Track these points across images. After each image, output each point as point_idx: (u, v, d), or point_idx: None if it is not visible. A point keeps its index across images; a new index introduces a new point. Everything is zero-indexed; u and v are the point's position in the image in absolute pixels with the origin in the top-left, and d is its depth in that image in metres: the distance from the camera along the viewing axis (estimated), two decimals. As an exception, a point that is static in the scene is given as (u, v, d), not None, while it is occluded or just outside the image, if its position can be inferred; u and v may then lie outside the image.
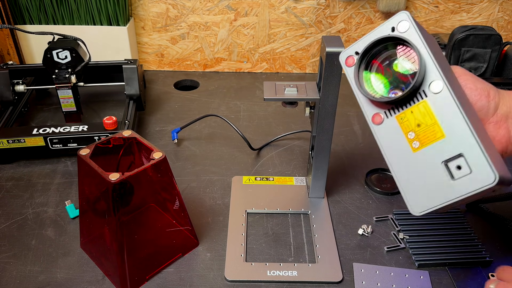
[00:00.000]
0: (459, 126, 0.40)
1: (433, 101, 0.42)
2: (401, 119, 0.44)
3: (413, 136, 0.44)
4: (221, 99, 1.02)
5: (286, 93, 0.61)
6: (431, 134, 0.42)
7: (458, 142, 0.40)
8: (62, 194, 0.71)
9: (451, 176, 0.41)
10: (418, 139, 0.43)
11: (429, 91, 0.42)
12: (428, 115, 0.42)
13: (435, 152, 0.42)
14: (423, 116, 0.43)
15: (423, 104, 0.43)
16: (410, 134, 0.44)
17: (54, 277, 0.57)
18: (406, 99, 0.43)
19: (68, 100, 0.84)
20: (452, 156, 0.41)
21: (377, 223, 0.67)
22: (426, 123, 0.43)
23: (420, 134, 0.43)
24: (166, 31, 1.09)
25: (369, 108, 0.46)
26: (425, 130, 0.43)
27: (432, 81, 0.42)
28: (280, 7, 1.05)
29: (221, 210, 0.69)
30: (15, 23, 1.02)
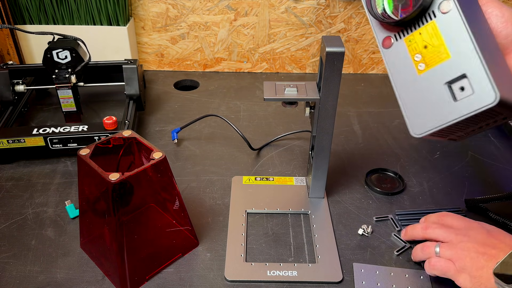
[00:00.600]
0: (465, 46, 0.40)
1: (441, 21, 0.42)
2: (409, 41, 0.44)
3: (419, 58, 0.44)
4: (221, 99, 1.02)
5: (286, 93, 0.61)
6: (437, 56, 0.42)
7: (463, 62, 0.40)
8: (62, 194, 0.71)
9: (453, 97, 0.41)
10: (424, 61, 0.43)
11: (438, 11, 0.42)
12: (435, 36, 0.42)
13: (439, 73, 0.42)
14: (430, 37, 0.43)
15: (431, 25, 0.42)
16: (417, 56, 0.44)
17: (54, 277, 0.57)
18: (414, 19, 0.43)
19: (68, 100, 0.84)
20: (455, 77, 0.41)
21: (377, 223, 0.67)
22: (433, 44, 0.43)
23: (426, 56, 0.43)
24: (166, 31, 1.09)
25: (380, 32, 0.46)
26: (432, 52, 0.43)
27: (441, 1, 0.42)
28: (280, 7, 1.04)
29: (221, 210, 0.69)
30: (15, 23, 1.01)
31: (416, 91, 0.44)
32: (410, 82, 0.44)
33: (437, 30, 0.42)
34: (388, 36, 0.46)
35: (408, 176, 0.77)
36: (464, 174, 0.77)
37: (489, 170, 0.79)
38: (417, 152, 0.83)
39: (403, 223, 0.66)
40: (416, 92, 0.44)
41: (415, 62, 0.44)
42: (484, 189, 0.74)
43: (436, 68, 0.42)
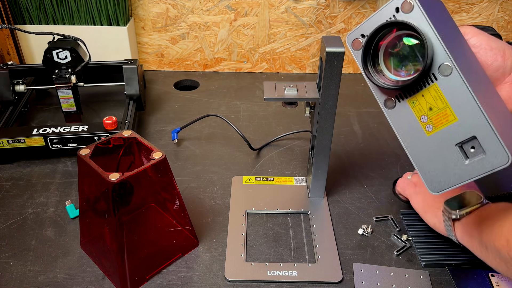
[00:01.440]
0: (471, 109, 0.40)
1: (443, 84, 0.41)
2: (413, 103, 0.44)
3: (426, 120, 0.44)
4: (221, 99, 1.02)
5: (286, 93, 0.61)
6: (444, 118, 0.42)
7: (471, 125, 0.40)
8: (62, 194, 0.71)
9: (466, 157, 0.42)
10: (431, 122, 0.43)
11: (439, 74, 0.41)
12: (439, 98, 0.42)
13: (448, 135, 0.42)
14: (434, 99, 0.42)
15: (434, 87, 0.42)
16: (423, 118, 0.44)
17: (54, 277, 0.57)
18: (415, 83, 0.43)
19: (68, 100, 0.84)
20: (465, 139, 0.41)
21: (377, 223, 0.67)
22: (438, 107, 0.42)
23: (432, 118, 0.43)
24: (166, 31, 1.09)
25: (380, 93, 0.46)
26: (437, 114, 0.43)
27: (441, 63, 0.41)
28: (280, 7, 1.04)
29: (221, 210, 0.69)
30: (15, 23, 1.01)
31: (427, 151, 0.44)
32: (419, 143, 0.44)
33: (440, 92, 0.42)
34: (389, 97, 0.46)
35: (408, 176, 0.77)
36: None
37: (489, 170, 0.79)
38: (417, 152, 0.83)
39: (407, 223, 0.66)
40: (428, 152, 0.44)
41: (422, 123, 0.44)
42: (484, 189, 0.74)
43: (445, 130, 0.42)
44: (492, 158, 0.40)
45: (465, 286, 0.57)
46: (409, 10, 0.42)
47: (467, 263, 0.59)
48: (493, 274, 0.58)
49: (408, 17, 0.42)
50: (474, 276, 0.58)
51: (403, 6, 0.42)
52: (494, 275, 0.58)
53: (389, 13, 0.43)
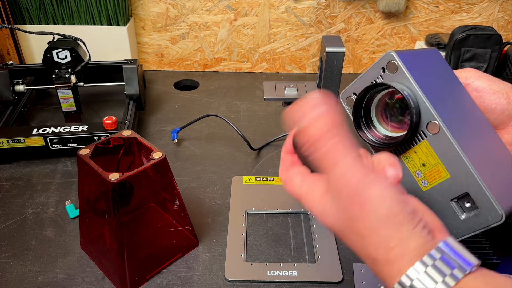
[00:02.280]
0: (461, 167, 0.41)
1: (432, 141, 0.42)
2: (406, 159, 0.45)
3: (420, 175, 0.44)
4: (221, 99, 1.02)
5: (286, 93, 0.61)
6: (437, 174, 0.43)
7: (463, 182, 0.41)
8: (62, 194, 0.71)
9: (462, 211, 0.42)
10: (426, 178, 0.44)
11: (428, 131, 0.42)
12: (430, 155, 0.43)
13: (443, 190, 0.43)
14: (426, 156, 0.43)
15: (424, 144, 0.43)
16: (418, 173, 0.45)
17: (54, 277, 0.57)
18: (405, 140, 0.43)
19: (68, 100, 0.84)
20: (459, 195, 0.42)
21: (377, 223, 0.67)
22: (430, 163, 0.43)
23: (426, 174, 0.44)
24: (166, 31, 1.09)
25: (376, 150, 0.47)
26: (431, 170, 0.43)
27: (429, 121, 0.42)
28: (280, 7, 1.05)
29: (221, 210, 0.69)
30: (15, 23, 1.02)
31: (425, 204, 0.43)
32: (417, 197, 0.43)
33: (430, 149, 0.43)
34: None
35: (408, 176, 0.77)
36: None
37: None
38: (417, 152, 0.83)
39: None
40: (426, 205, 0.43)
41: (417, 179, 0.45)
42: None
43: (439, 186, 0.43)
44: (486, 215, 0.40)
45: (465, 286, 0.57)
46: (394, 70, 0.43)
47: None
48: (493, 274, 0.58)
49: (393, 77, 0.43)
50: (474, 276, 0.58)
51: (388, 67, 0.43)
52: (494, 275, 0.58)
53: (376, 73, 0.44)
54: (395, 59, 0.43)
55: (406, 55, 0.43)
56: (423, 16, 1.06)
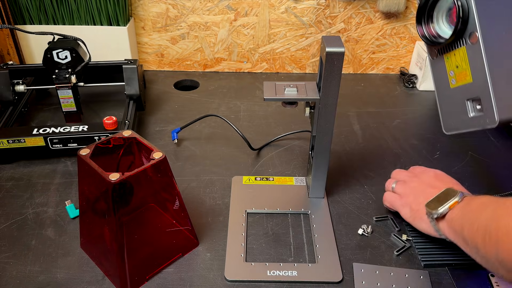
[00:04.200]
0: (482, 77, 0.49)
1: (469, 49, 0.50)
2: (447, 58, 0.55)
3: (452, 74, 0.55)
4: (221, 99, 1.02)
5: (286, 93, 0.61)
6: (463, 76, 0.53)
7: (479, 88, 0.51)
8: (62, 194, 0.71)
9: (472, 110, 0.53)
10: (455, 77, 0.54)
11: (468, 39, 0.50)
12: (464, 60, 0.52)
13: (463, 91, 0.53)
14: (460, 60, 0.52)
15: (462, 49, 0.52)
16: (451, 73, 0.55)
17: (54, 277, 0.57)
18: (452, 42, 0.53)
19: (68, 100, 0.84)
20: (473, 97, 0.52)
21: (377, 223, 0.67)
22: (462, 67, 0.52)
23: (456, 74, 0.54)
24: (166, 31, 1.09)
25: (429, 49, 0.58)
26: (460, 72, 0.53)
27: (471, 32, 0.50)
28: (280, 7, 1.05)
29: (221, 210, 0.69)
30: (15, 23, 1.01)
31: (448, 99, 0.56)
32: (445, 91, 0.56)
33: (465, 55, 0.51)
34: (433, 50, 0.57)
35: (408, 176, 0.77)
36: (464, 174, 0.77)
37: (489, 170, 0.79)
38: (417, 152, 0.83)
39: (407, 223, 0.66)
40: (448, 100, 0.56)
41: (449, 76, 0.55)
42: (484, 189, 0.74)
43: (462, 86, 0.53)
44: (486, 118, 0.51)
45: (465, 286, 0.57)
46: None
47: (467, 263, 0.59)
48: (493, 274, 0.58)
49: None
50: (474, 276, 0.58)
51: None
52: (494, 275, 0.58)
53: None
54: None
55: None
56: (423, 16, 1.06)
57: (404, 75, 1.11)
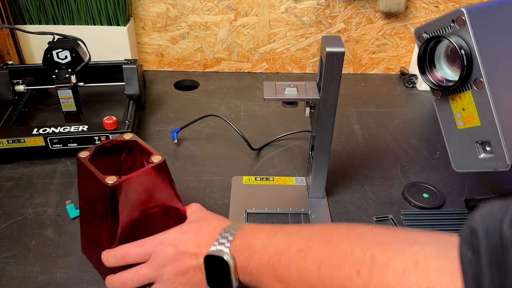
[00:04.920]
0: (490, 121, 0.50)
1: (475, 94, 0.51)
2: (452, 100, 0.55)
3: (459, 115, 0.54)
4: (221, 99, 1.02)
5: (286, 93, 0.61)
6: (471, 119, 0.53)
7: (488, 132, 0.51)
8: (62, 194, 0.71)
9: (482, 152, 0.53)
10: (462, 119, 0.54)
11: (473, 85, 0.50)
12: (470, 104, 0.52)
13: (472, 133, 0.53)
14: (467, 103, 0.52)
15: (468, 94, 0.52)
16: (457, 114, 0.55)
17: (54, 277, 0.57)
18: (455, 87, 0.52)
19: (68, 100, 0.84)
20: (483, 140, 0.53)
21: (377, 223, 0.67)
22: (469, 110, 0.53)
23: (464, 116, 0.54)
24: (166, 31, 1.09)
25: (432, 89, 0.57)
26: (468, 115, 0.53)
27: (476, 77, 0.50)
28: (280, 7, 1.04)
29: (221, 210, 0.69)
30: (15, 23, 1.01)
31: (456, 139, 0.56)
32: (452, 131, 0.56)
33: (471, 100, 0.51)
34: (438, 92, 0.57)
35: (408, 176, 0.77)
36: (464, 174, 0.77)
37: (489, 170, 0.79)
38: (417, 152, 0.83)
39: (407, 223, 0.66)
40: (457, 140, 0.56)
41: (456, 117, 0.55)
42: (484, 189, 0.74)
43: (471, 129, 0.53)
44: (497, 161, 0.51)
45: (465, 286, 0.57)
46: (461, 24, 0.50)
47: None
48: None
49: (459, 30, 0.50)
50: (474, 276, 0.58)
51: (457, 21, 0.50)
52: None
53: (446, 22, 0.52)
54: (464, 15, 0.49)
55: (476, 12, 0.49)
56: (423, 16, 1.06)
57: (404, 75, 1.11)
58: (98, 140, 0.77)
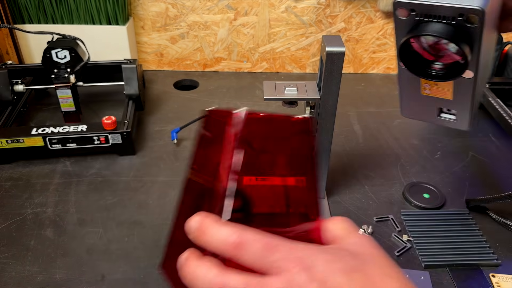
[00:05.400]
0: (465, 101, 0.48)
1: (459, 80, 0.46)
2: None
3: (428, 86, 0.50)
4: (221, 99, 1.01)
5: (286, 93, 0.60)
6: (442, 93, 0.50)
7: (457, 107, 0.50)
8: (61, 195, 0.71)
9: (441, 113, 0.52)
10: (431, 90, 0.50)
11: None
12: (448, 84, 0.48)
13: (438, 101, 0.51)
14: (444, 83, 0.48)
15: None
16: (426, 85, 0.50)
17: (53, 278, 0.57)
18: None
19: (67, 100, 0.83)
20: (447, 109, 0.51)
21: (378, 223, 0.67)
22: (443, 87, 0.49)
23: (434, 88, 0.50)
24: (165, 31, 1.08)
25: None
26: (439, 89, 0.49)
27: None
28: (280, 7, 1.04)
29: (221, 210, 0.68)
30: (14, 23, 1.01)
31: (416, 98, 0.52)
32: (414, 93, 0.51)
33: (451, 82, 0.48)
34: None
35: (408, 176, 0.76)
36: (465, 174, 0.77)
37: (490, 170, 0.79)
38: (418, 152, 0.83)
39: (408, 223, 0.66)
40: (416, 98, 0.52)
41: (423, 87, 0.50)
42: (485, 189, 0.74)
43: (437, 98, 0.51)
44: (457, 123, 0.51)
45: (466, 286, 0.57)
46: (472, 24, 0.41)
47: (468, 263, 0.59)
48: (493, 275, 0.58)
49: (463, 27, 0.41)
50: (475, 276, 0.58)
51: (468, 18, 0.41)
52: (495, 276, 0.58)
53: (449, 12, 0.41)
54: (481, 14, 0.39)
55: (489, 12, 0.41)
56: (423, 15, 1.06)
57: (404, 74, 1.10)
58: (97, 140, 0.77)
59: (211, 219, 0.29)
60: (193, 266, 0.28)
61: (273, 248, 0.28)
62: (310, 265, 0.27)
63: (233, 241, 0.27)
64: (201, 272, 0.27)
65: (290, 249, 0.28)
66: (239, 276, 0.27)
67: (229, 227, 0.28)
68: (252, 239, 0.28)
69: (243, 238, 0.28)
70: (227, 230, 0.28)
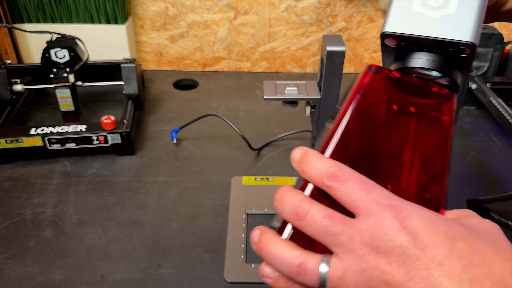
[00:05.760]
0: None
1: None
2: None
3: None
4: (221, 98, 1.01)
5: (286, 93, 0.60)
6: None
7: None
8: (61, 195, 0.71)
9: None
10: None
11: None
12: None
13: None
14: None
15: None
16: None
17: (52, 278, 0.56)
18: None
19: (66, 100, 0.83)
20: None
21: (378, 223, 0.67)
22: None
23: None
24: (165, 30, 1.08)
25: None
26: None
27: None
28: (280, 6, 1.04)
29: (221, 211, 0.68)
30: (13, 22, 1.01)
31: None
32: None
33: None
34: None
35: (409, 176, 0.76)
36: (466, 175, 0.77)
37: (491, 170, 0.79)
38: (418, 152, 0.83)
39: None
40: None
41: None
42: (486, 189, 0.74)
43: None
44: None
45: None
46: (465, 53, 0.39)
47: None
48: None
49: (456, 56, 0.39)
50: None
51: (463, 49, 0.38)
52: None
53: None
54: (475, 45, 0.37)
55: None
56: (424, 15, 1.06)
57: (405, 74, 1.10)
58: (97, 140, 0.76)
59: (314, 152, 0.30)
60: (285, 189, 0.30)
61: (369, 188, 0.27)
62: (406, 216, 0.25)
63: (332, 172, 0.28)
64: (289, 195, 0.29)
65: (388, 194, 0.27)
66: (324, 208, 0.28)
67: (331, 160, 0.29)
68: (350, 175, 0.28)
69: (342, 172, 0.28)
70: (328, 162, 0.29)
